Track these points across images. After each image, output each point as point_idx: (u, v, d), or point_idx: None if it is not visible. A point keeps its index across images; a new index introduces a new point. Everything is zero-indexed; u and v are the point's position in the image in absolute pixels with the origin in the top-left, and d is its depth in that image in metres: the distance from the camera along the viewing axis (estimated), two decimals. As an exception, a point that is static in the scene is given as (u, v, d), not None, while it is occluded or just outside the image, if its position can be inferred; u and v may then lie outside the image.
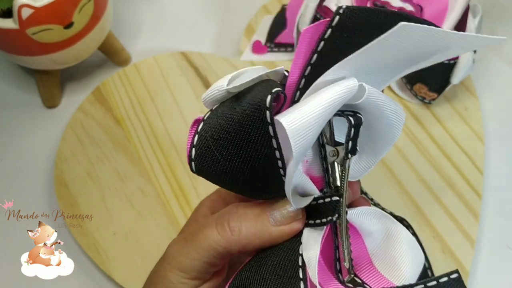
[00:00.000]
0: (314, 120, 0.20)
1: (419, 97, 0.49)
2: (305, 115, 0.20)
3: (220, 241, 0.24)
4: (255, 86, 0.22)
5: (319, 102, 0.20)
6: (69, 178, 0.47)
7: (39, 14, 0.42)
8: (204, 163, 0.23)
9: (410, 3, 0.51)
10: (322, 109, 0.20)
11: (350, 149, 0.23)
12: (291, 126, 0.19)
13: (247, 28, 0.56)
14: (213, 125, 0.23)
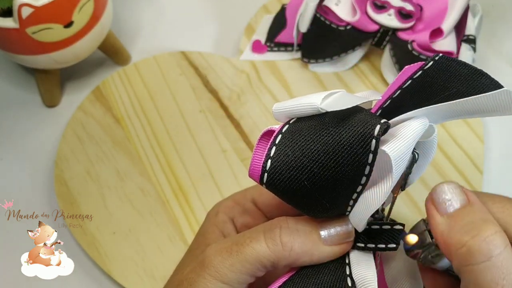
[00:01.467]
0: (408, 148, 0.21)
1: (419, 96, 0.49)
2: (402, 143, 0.21)
3: (270, 256, 0.23)
4: (349, 111, 0.23)
5: (410, 132, 0.22)
6: (69, 177, 0.47)
7: (39, 13, 0.42)
8: (280, 179, 0.22)
9: (410, 2, 0.51)
10: (413, 138, 0.22)
11: (405, 183, 0.25)
12: (393, 153, 0.21)
13: (247, 27, 0.56)
14: (297, 142, 0.22)
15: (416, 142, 0.22)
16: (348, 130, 0.22)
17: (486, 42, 0.55)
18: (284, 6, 0.56)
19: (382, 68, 0.52)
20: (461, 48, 0.47)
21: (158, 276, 0.42)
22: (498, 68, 0.54)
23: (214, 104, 0.51)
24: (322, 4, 0.51)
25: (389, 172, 0.21)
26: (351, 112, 0.23)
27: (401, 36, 0.50)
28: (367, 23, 0.50)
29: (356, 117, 0.22)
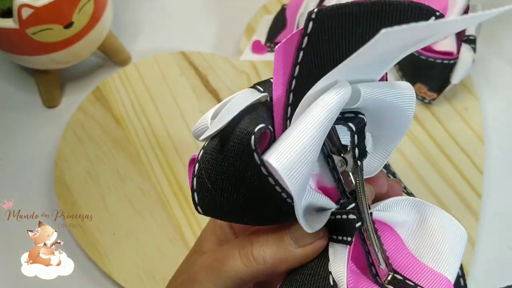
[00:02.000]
0: (306, 148, 0.18)
1: (419, 97, 0.49)
2: (294, 145, 0.18)
3: (247, 272, 0.23)
4: (242, 116, 0.21)
5: (308, 125, 0.18)
6: (69, 178, 0.47)
7: (39, 13, 0.42)
8: (209, 206, 0.22)
9: (410, 3, 0.51)
10: (313, 131, 0.18)
11: (358, 156, 0.22)
12: (281, 165, 0.17)
13: (247, 28, 0.56)
14: (207, 166, 0.21)
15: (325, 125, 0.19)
16: (235, 146, 0.19)
17: (486, 42, 0.55)
18: (284, 6, 0.56)
19: (382, 68, 0.52)
20: (461, 48, 0.47)
21: (158, 277, 0.42)
22: (498, 68, 0.54)
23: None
24: (322, 4, 0.51)
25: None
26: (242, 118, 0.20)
27: (401, 36, 0.50)
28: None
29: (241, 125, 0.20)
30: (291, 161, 0.18)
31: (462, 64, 0.47)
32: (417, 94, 0.49)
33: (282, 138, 0.19)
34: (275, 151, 0.18)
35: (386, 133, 0.24)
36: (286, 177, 0.17)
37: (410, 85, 0.22)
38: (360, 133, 0.22)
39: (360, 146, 0.22)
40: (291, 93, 0.20)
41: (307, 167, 0.18)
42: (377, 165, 0.25)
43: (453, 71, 0.47)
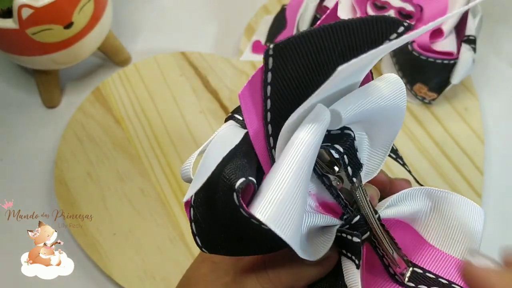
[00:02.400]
0: (290, 193, 0.18)
1: (419, 97, 0.49)
2: (277, 193, 0.18)
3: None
4: (226, 161, 0.20)
5: (287, 169, 0.18)
6: (69, 178, 0.47)
7: (39, 14, 0.42)
8: (213, 247, 0.22)
9: (410, 3, 0.51)
10: (293, 175, 0.18)
11: (352, 174, 0.21)
12: (267, 216, 0.17)
13: (247, 28, 0.56)
14: (201, 212, 0.21)
15: (309, 160, 0.18)
16: (222, 198, 0.19)
17: (486, 42, 0.55)
18: (284, 6, 0.56)
19: (382, 69, 0.52)
20: (461, 48, 0.47)
21: (158, 277, 0.42)
22: (498, 69, 0.54)
23: (214, 105, 0.51)
24: (322, 5, 0.51)
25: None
26: (225, 162, 0.20)
27: (401, 36, 0.50)
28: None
29: (223, 177, 0.19)
30: (277, 210, 0.17)
31: (462, 64, 0.47)
32: (417, 94, 0.49)
33: (264, 187, 0.18)
34: (260, 203, 0.18)
35: (382, 130, 0.23)
36: (275, 226, 0.17)
37: (396, 76, 0.22)
38: (350, 151, 0.21)
39: (352, 163, 0.21)
40: (269, 124, 0.20)
41: (296, 210, 0.18)
42: (377, 162, 0.24)
43: (453, 71, 0.47)
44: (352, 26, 0.18)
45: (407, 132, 0.49)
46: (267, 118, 0.20)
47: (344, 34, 0.18)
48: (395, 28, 0.19)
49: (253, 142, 0.21)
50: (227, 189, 0.19)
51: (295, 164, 0.18)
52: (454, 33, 0.49)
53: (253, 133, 0.21)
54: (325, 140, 0.21)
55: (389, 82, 0.21)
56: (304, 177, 0.18)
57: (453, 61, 0.47)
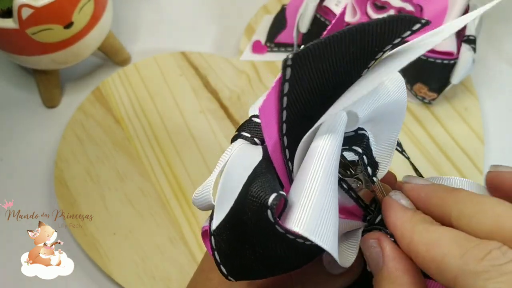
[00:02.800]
0: (322, 200, 0.18)
1: (419, 97, 0.49)
2: (307, 202, 0.17)
3: None
4: (248, 183, 0.20)
5: (314, 176, 0.18)
6: (69, 178, 0.47)
7: (39, 14, 0.42)
8: (240, 274, 0.21)
9: (410, 3, 0.51)
10: (322, 179, 0.18)
11: (372, 173, 0.21)
12: (303, 227, 0.17)
13: (247, 28, 0.56)
14: (225, 238, 0.21)
15: (333, 166, 0.18)
16: (251, 220, 0.19)
17: (486, 42, 0.55)
18: (284, 6, 0.56)
19: (382, 69, 0.52)
20: (461, 48, 0.47)
21: (158, 277, 0.42)
22: (498, 69, 0.54)
23: (214, 105, 0.51)
24: (322, 5, 0.51)
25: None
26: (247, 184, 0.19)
27: (401, 36, 0.50)
28: (367, 24, 0.50)
29: (251, 197, 0.19)
30: (312, 220, 0.17)
31: (462, 64, 0.47)
32: (417, 94, 0.49)
33: (293, 199, 0.18)
34: (293, 215, 0.17)
35: (386, 127, 0.23)
36: (313, 236, 0.17)
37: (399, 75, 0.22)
38: (367, 151, 0.21)
39: (371, 163, 0.21)
40: (285, 136, 0.20)
41: (330, 217, 0.18)
42: (385, 160, 0.24)
43: (453, 71, 0.47)
44: (368, 28, 0.18)
45: (407, 132, 0.49)
46: (283, 130, 0.20)
47: (359, 38, 0.18)
48: (411, 26, 0.19)
49: (272, 156, 0.20)
50: (258, 208, 0.18)
51: (321, 171, 0.18)
52: (454, 33, 0.49)
53: (272, 147, 0.20)
54: (344, 142, 0.21)
55: (394, 79, 0.22)
56: (332, 182, 0.18)
57: (453, 61, 0.47)
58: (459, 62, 0.47)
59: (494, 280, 0.16)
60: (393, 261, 0.19)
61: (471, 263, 0.16)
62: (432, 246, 0.18)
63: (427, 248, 0.18)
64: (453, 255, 0.17)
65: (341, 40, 0.18)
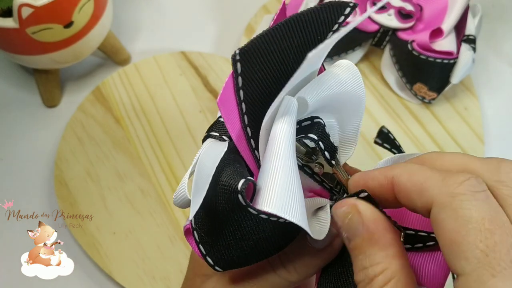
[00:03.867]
0: (286, 180, 0.19)
1: (419, 96, 0.49)
2: (274, 183, 0.19)
3: (282, 282, 0.25)
4: (217, 175, 0.21)
5: (276, 158, 0.19)
6: (69, 178, 0.47)
7: (39, 13, 0.42)
8: (226, 263, 0.22)
9: (410, 2, 0.51)
10: (284, 160, 0.19)
11: (330, 157, 0.23)
12: (275, 207, 0.19)
13: (247, 28, 0.56)
14: (206, 230, 0.22)
15: (290, 148, 0.20)
16: (225, 207, 0.20)
17: (486, 42, 0.55)
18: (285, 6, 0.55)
19: (382, 68, 0.52)
20: (461, 48, 0.47)
21: (158, 277, 0.42)
22: (498, 68, 0.54)
23: (214, 104, 0.51)
24: (322, 4, 0.51)
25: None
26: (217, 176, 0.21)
27: (401, 36, 0.50)
28: (367, 23, 0.50)
29: (221, 186, 0.20)
30: (280, 198, 0.19)
31: (462, 64, 0.47)
32: (417, 94, 0.49)
33: (261, 183, 0.20)
34: (263, 197, 0.19)
35: (347, 114, 0.24)
36: (284, 213, 0.18)
37: (348, 62, 0.23)
38: (323, 137, 0.22)
39: (328, 147, 0.23)
40: (247, 127, 0.21)
41: (296, 194, 0.19)
42: (350, 144, 0.25)
43: (453, 71, 0.47)
44: (305, 17, 0.20)
45: (407, 132, 0.49)
46: (245, 121, 0.21)
47: (299, 27, 0.20)
48: (342, 11, 0.21)
49: (237, 146, 0.22)
50: (229, 195, 0.19)
51: (282, 153, 0.19)
52: (454, 32, 0.49)
53: (235, 137, 0.21)
54: (299, 132, 0.22)
55: (344, 67, 0.23)
56: (293, 162, 0.20)
57: (453, 61, 0.47)
58: (459, 62, 0.47)
59: (468, 203, 0.17)
60: (374, 222, 0.20)
61: (450, 185, 0.18)
62: (415, 173, 0.19)
63: (410, 175, 0.20)
64: (435, 178, 0.19)
65: (282, 33, 0.20)
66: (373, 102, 0.51)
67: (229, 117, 0.21)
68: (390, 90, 0.52)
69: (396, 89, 0.51)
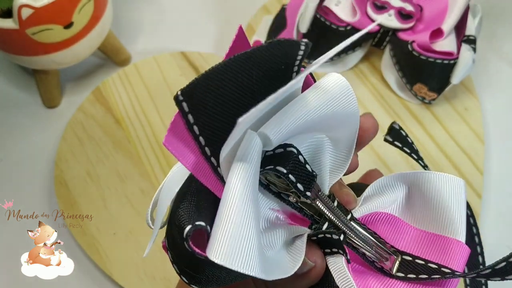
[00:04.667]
0: (238, 232, 0.18)
1: (419, 97, 0.49)
2: (225, 233, 0.18)
3: None
4: (178, 203, 0.20)
5: (229, 211, 0.18)
6: (69, 178, 0.47)
7: (39, 14, 0.42)
8: (200, 281, 0.22)
9: (410, 3, 0.51)
10: (236, 213, 0.18)
11: (304, 189, 0.21)
12: (220, 257, 0.17)
13: (247, 28, 0.56)
14: (175, 254, 0.22)
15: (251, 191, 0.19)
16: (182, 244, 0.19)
17: (486, 42, 0.55)
18: (284, 6, 0.56)
19: (382, 69, 0.52)
20: (461, 48, 0.47)
21: (158, 277, 0.42)
22: (498, 69, 0.54)
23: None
24: (322, 5, 0.51)
25: None
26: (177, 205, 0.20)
27: (401, 36, 0.50)
28: (367, 24, 0.50)
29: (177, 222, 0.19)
30: (229, 249, 0.17)
31: (462, 64, 0.47)
32: (417, 94, 0.49)
33: (214, 227, 0.18)
34: (214, 246, 0.18)
35: (338, 131, 0.23)
36: (231, 265, 0.17)
37: (337, 79, 0.21)
38: (295, 168, 0.21)
39: (301, 179, 0.21)
40: (211, 157, 0.20)
41: (251, 243, 0.18)
42: (342, 160, 0.24)
43: (453, 71, 0.47)
44: (255, 55, 0.19)
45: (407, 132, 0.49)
46: (207, 153, 0.20)
47: (250, 65, 0.19)
48: (296, 50, 0.20)
49: (197, 177, 0.21)
50: (180, 234, 0.19)
51: (235, 207, 0.18)
52: (454, 33, 0.49)
53: (192, 169, 0.20)
54: (270, 161, 0.20)
55: (324, 91, 0.21)
56: (250, 211, 0.18)
57: (453, 61, 0.47)
58: (459, 62, 0.47)
59: None
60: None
61: None
62: None
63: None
64: None
65: (233, 69, 0.19)
66: (373, 103, 0.51)
67: (181, 154, 0.20)
68: (390, 90, 0.52)
69: (396, 89, 0.51)
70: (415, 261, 0.23)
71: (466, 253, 0.24)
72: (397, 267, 0.23)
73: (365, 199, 0.25)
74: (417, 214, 0.25)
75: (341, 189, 0.25)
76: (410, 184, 0.25)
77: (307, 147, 0.22)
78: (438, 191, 0.24)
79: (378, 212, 0.25)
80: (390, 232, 0.25)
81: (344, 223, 0.23)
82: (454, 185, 0.24)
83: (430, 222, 0.24)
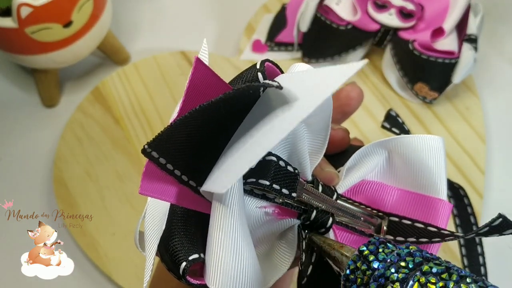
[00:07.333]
0: (231, 261, 0.18)
1: (420, 96, 0.49)
2: (218, 264, 0.18)
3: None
4: (169, 232, 0.21)
5: (219, 238, 0.18)
6: (68, 178, 0.47)
7: (38, 13, 0.42)
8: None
9: (411, 2, 0.51)
10: (227, 247, 0.18)
11: (289, 191, 0.21)
12: (218, 285, 0.18)
13: (247, 27, 0.56)
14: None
15: (239, 217, 0.19)
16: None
17: (487, 41, 0.55)
18: (285, 5, 0.55)
19: (383, 68, 0.52)
20: (463, 47, 0.47)
21: (158, 277, 0.42)
22: (500, 68, 0.54)
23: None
24: (322, 4, 0.51)
25: None
26: (168, 233, 0.21)
27: (402, 35, 0.50)
28: (368, 23, 0.50)
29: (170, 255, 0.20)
30: (226, 278, 0.18)
31: (464, 64, 0.47)
32: (418, 94, 0.49)
33: (207, 256, 0.19)
34: (209, 275, 0.18)
35: (314, 117, 0.23)
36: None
37: (302, 64, 0.21)
38: (277, 176, 0.21)
39: (284, 184, 0.21)
40: (190, 180, 0.20)
41: (246, 266, 0.19)
42: (320, 142, 0.24)
43: (454, 70, 0.47)
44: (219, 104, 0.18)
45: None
46: (185, 179, 0.20)
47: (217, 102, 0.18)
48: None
49: (183, 205, 0.21)
50: (175, 268, 0.19)
51: (225, 241, 0.18)
52: (456, 32, 0.49)
53: (176, 201, 0.20)
54: (251, 174, 0.20)
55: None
56: (240, 233, 0.19)
57: (454, 60, 0.47)
58: (461, 61, 0.47)
59: None
60: None
61: None
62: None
63: None
64: None
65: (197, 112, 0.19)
66: (374, 102, 0.51)
67: (161, 192, 0.20)
68: (391, 89, 0.51)
69: (397, 88, 0.51)
70: (402, 221, 0.23)
71: (449, 209, 0.24)
72: (386, 230, 0.24)
73: (348, 170, 0.25)
74: (399, 176, 0.25)
75: (323, 169, 0.25)
76: (390, 149, 0.25)
77: (286, 141, 0.22)
78: (417, 152, 0.24)
79: (362, 182, 0.26)
80: (375, 198, 0.25)
81: (332, 205, 0.23)
82: (432, 144, 0.24)
83: (412, 182, 0.25)
